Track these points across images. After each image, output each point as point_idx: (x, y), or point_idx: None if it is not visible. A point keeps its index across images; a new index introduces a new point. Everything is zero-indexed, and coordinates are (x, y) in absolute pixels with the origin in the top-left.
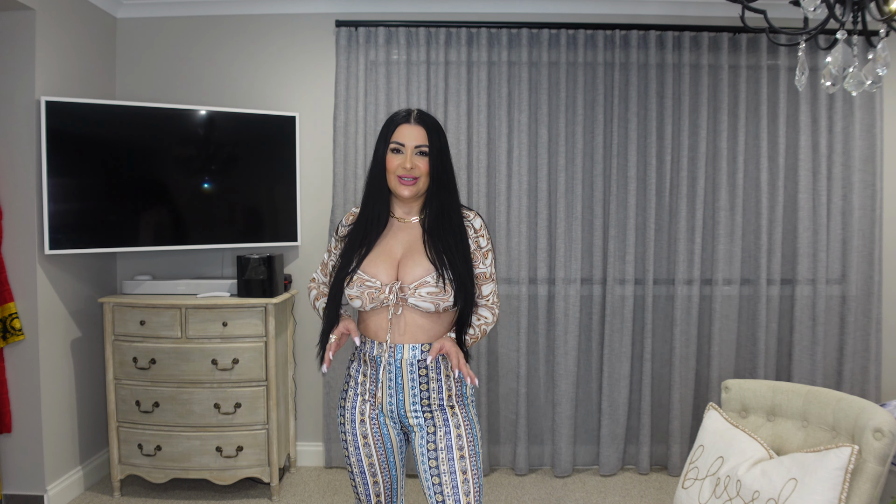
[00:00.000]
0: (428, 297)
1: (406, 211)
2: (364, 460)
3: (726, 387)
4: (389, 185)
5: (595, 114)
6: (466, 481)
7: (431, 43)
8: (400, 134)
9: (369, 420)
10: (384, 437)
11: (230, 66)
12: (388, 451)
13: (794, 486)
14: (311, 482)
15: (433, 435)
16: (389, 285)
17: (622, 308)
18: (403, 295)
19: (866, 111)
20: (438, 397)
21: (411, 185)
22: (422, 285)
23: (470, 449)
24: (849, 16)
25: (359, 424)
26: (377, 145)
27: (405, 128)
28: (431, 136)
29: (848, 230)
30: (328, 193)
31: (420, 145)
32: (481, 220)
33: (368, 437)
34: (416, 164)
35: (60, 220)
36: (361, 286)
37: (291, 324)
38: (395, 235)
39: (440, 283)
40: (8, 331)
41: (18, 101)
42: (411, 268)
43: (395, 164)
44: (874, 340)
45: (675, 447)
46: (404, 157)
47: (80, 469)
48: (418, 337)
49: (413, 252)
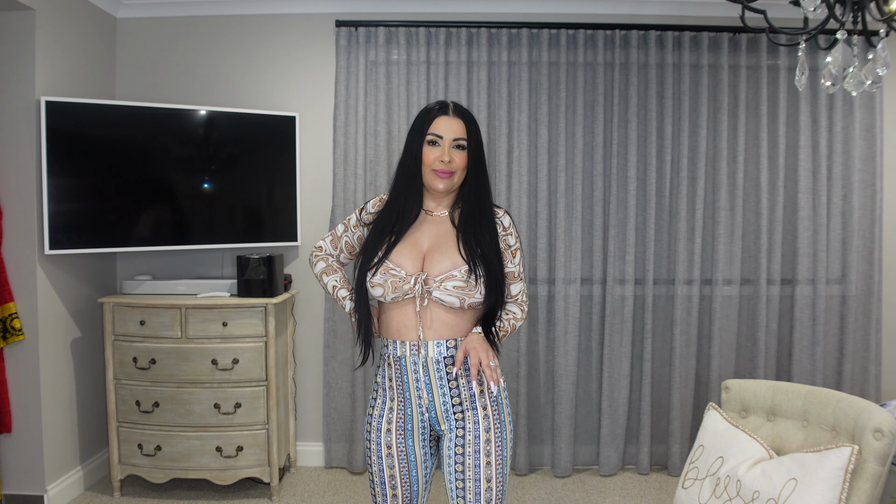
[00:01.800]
0: (454, 292)
1: (436, 203)
2: (385, 471)
3: (726, 387)
4: (424, 178)
5: (595, 114)
6: (490, 489)
7: (431, 43)
8: (437, 126)
9: (395, 431)
10: (408, 451)
11: (230, 66)
12: (410, 465)
13: (794, 486)
14: (311, 482)
15: (462, 438)
16: (415, 276)
17: (622, 308)
18: (428, 287)
19: (866, 111)
20: (470, 395)
21: (447, 179)
22: (448, 279)
23: (497, 455)
24: (849, 16)
25: (384, 434)
26: (410, 137)
27: (443, 120)
28: (470, 128)
29: (848, 230)
30: (328, 193)
31: (458, 138)
32: (510, 217)
33: (393, 448)
34: (453, 157)
35: (60, 220)
36: (385, 274)
37: (291, 324)
38: (422, 227)
39: (470, 278)
40: (8, 331)
41: (18, 101)
42: (438, 261)
43: (431, 158)
44: (874, 340)
45: (675, 447)
46: (441, 150)
47: (80, 469)
48: (443, 333)
49: (441, 245)
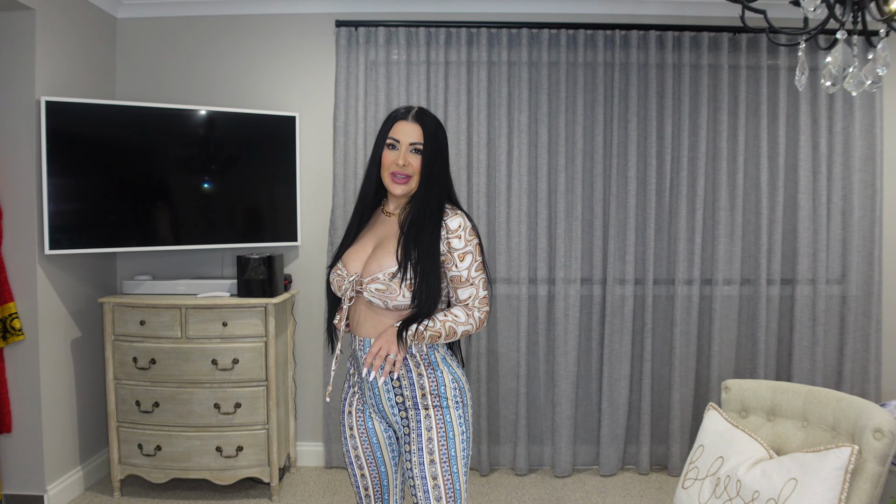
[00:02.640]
0: (375, 293)
1: (395, 205)
2: (351, 451)
3: (726, 387)
4: (383, 181)
5: (595, 114)
6: (437, 487)
7: (431, 43)
8: (396, 130)
9: (356, 412)
10: (369, 431)
11: (230, 66)
12: (373, 445)
13: (794, 486)
14: (311, 482)
15: (408, 437)
16: (347, 277)
17: (622, 308)
18: (360, 288)
19: (866, 111)
20: (412, 395)
21: (403, 184)
22: (373, 281)
23: (441, 454)
24: (849, 16)
25: (346, 416)
26: (376, 140)
27: (402, 124)
28: (427, 134)
29: (848, 230)
30: (328, 193)
31: (415, 143)
32: (463, 220)
33: (354, 430)
34: (409, 161)
35: (60, 220)
36: (334, 274)
37: (291, 324)
38: (376, 228)
39: (392, 280)
40: (8, 331)
41: (18, 101)
42: (371, 262)
43: (389, 161)
44: (874, 340)
45: (675, 447)
46: (398, 153)
47: (80, 469)
48: (369, 331)
49: (383, 247)
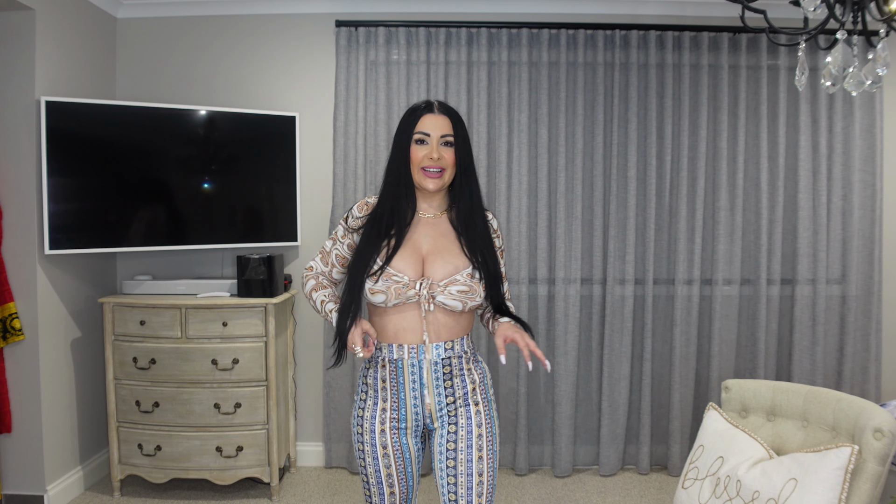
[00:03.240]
0: (458, 296)
1: (428, 205)
2: (382, 471)
3: (726, 387)
4: (413, 178)
5: (595, 114)
6: (481, 483)
7: (431, 43)
8: (424, 124)
9: (389, 431)
10: (403, 448)
11: (230, 66)
12: (406, 461)
13: (794, 486)
14: (311, 482)
15: (454, 434)
16: (420, 281)
17: (622, 308)
18: (432, 292)
19: (866, 111)
20: (463, 393)
21: (437, 178)
22: (452, 283)
23: (489, 450)
24: (849, 16)
25: (378, 435)
26: (398, 137)
27: (429, 118)
28: (456, 125)
29: (848, 230)
30: (328, 193)
31: (445, 135)
32: (497, 220)
33: (388, 448)
34: (442, 154)
35: (60, 220)
36: (388, 281)
37: (291, 324)
38: (419, 230)
39: (472, 281)
40: (8, 331)
41: (18, 101)
42: (441, 265)
43: (420, 156)
44: (874, 340)
45: (675, 447)
46: (430, 147)
47: (80, 469)
48: (442, 335)
49: (442, 249)
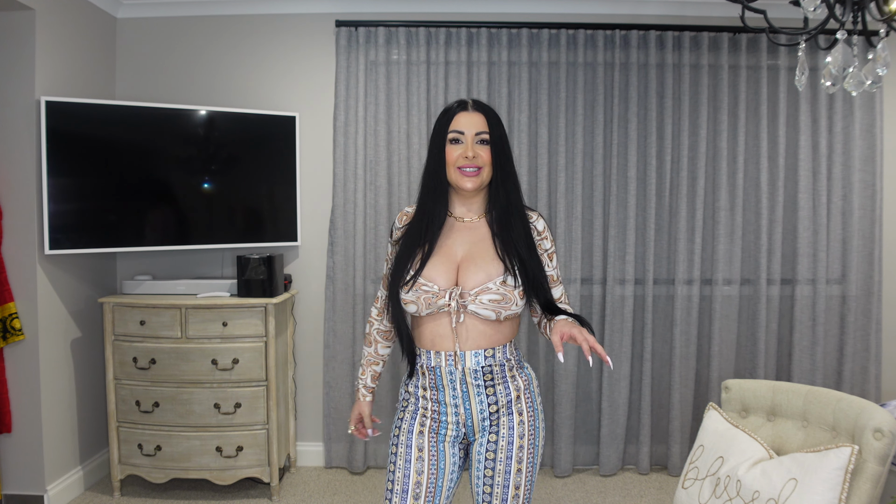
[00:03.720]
0: (489, 305)
1: (467, 209)
2: (412, 477)
3: (726, 387)
4: (450, 178)
5: (595, 114)
6: (517, 497)
7: (431, 43)
8: (458, 122)
9: (428, 434)
10: (440, 455)
11: (230, 66)
12: (440, 472)
13: (795, 486)
14: (311, 482)
15: (494, 444)
16: (449, 291)
17: (622, 308)
18: (464, 301)
19: (866, 111)
20: (507, 400)
21: (474, 177)
22: (483, 292)
23: (529, 462)
24: (849, 16)
25: (416, 436)
26: (433, 138)
27: (463, 116)
28: (492, 122)
29: (848, 230)
30: (328, 193)
31: (480, 132)
32: (544, 221)
33: (424, 451)
34: (477, 152)
35: (60, 220)
36: (418, 291)
37: (291, 324)
38: (454, 236)
39: (504, 288)
40: (8, 331)
41: (18, 101)
42: (473, 272)
43: (455, 156)
44: (874, 340)
45: (675, 447)
46: (465, 146)
47: (80, 469)
48: (480, 343)
49: (476, 255)
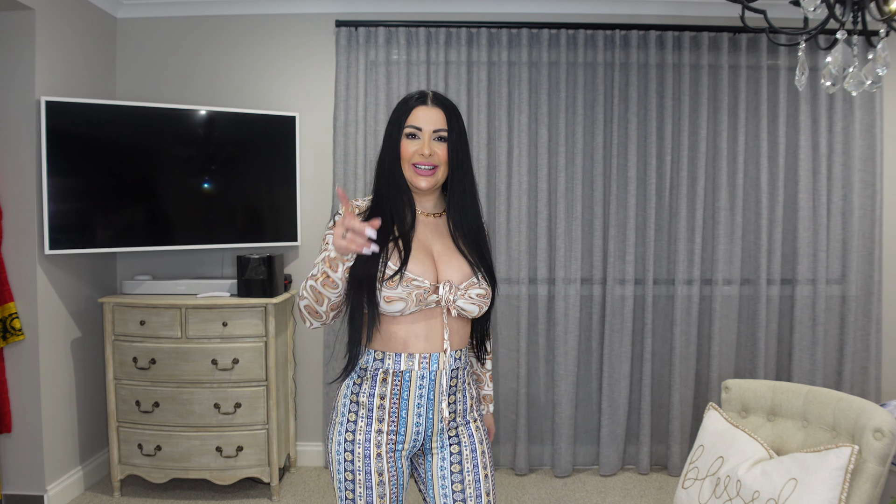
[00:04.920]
0: (477, 300)
1: (427, 205)
2: (376, 501)
3: (726, 387)
4: (405, 174)
5: (595, 114)
6: (490, 502)
7: (431, 43)
8: (416, 117)
9: (386, 455)
10: (398, 473)
11: (230, 66)
12: (399, 488)
13: (795, 486)
14: (311, 482)
15: (458, 455)
16: (442, 285)
17: (622, 308)
18: (454, 296)
19: (866, 111)
20: (464, 409)
21: (429, 175)
22: (472, 286)
23: (491, 465)
24: (849, 16)
25: (374, 459)
26: (388, 129)
27: (422, 110)
28: (451, 119)
29: (848, 230)
30: (328, 193)
31: (438, 129)
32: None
33: (384, 475)
34: (434, 150)
35: (60, 220)
36: (409, 286)
37: (291, 324)
38: (423, 232)
39: (484, 282)
40: (8, 331)
41: (18, 101)
42: (457, 267)
43: (410, 151)
44: (874, 340)
45: (675, 447)
46: (421, 142)
47: (80, 469)
48: (455, 342)
49: (449, 251)
